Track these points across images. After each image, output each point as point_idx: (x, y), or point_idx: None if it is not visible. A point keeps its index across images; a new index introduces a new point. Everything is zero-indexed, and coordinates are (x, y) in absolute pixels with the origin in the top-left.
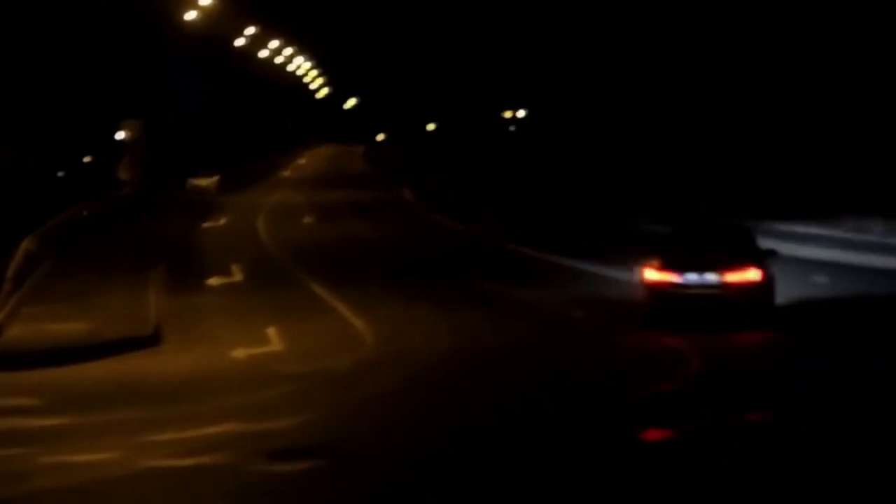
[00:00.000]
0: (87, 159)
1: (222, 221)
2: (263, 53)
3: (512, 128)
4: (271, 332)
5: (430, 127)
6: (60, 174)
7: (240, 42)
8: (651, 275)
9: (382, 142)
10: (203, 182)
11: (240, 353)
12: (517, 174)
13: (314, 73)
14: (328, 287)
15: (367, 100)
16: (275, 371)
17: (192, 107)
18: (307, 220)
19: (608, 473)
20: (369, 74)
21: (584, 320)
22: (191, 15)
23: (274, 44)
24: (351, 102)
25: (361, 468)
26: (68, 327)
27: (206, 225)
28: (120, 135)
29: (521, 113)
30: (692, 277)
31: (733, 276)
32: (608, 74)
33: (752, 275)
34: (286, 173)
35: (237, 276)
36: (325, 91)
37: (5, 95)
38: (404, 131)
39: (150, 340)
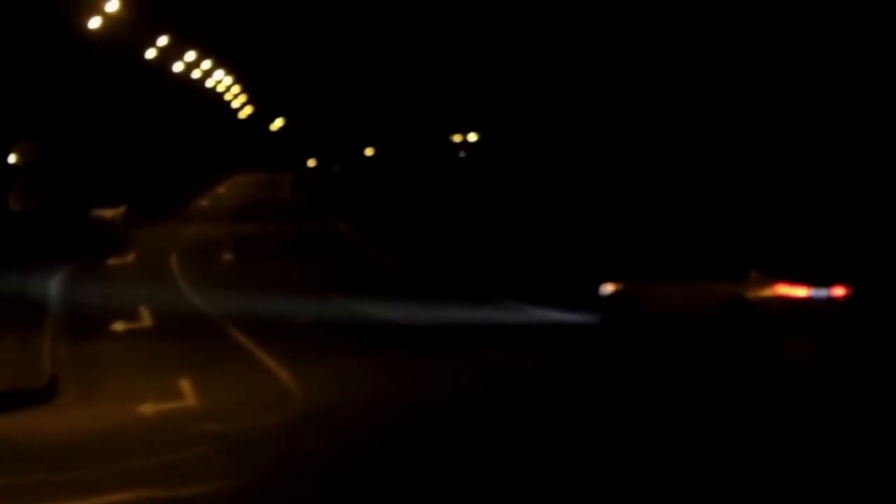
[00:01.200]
0: None
1: (130, 258)
2: (178, 67)
3: (462, 153)
4: (184, 384)
5: (369, 152)
6: None
7: (151, 54)
8: (784, 289)
9: (314, 168)
10: (108, 213)
11: (148, 408)
12: (465, 206)
13: (236, 89)
14: (251, 334)
15: (295, 120)
16: (188, 430)
17: (97, 126)
18: (227, 257)
19: None
20: (298, 92)
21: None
22: (95, 22)
23: (190, 56)
24: (277, 123)
25: None
26: None
27: (111, 262)
28: (11, 158)
29: (472, 136)
30: (814, 292)
31: (837, 291)
32: (568, 92)
33: (843, 290)
34: (203, 203)
35: (146, 320)
36: (248, 110)
37: None
38: (339, 157)
39: (44, 394)
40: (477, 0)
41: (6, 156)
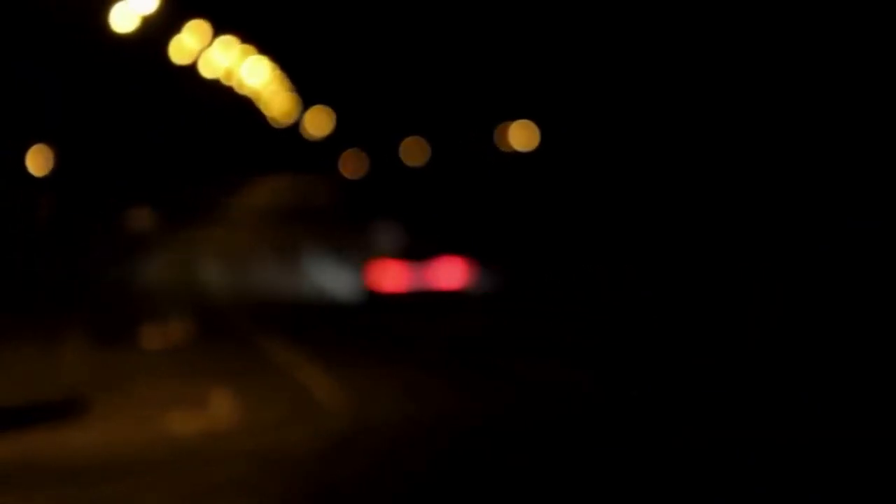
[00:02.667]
0: None
1: (158, 264)
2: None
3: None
4: (217, 396)
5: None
6: None
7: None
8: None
9: (354, 172)
10: (135, 218)
11: (178, 423)
12: (508, 213)
13: (273, 85)
14: (286, 344)
15: (338, 118)
16: (220, 446)
17: (122, 126)
18: (262, 264)
19: None
20: (340, 87)
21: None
22: (117, 14)
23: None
24: (316, 124)
25: None
26: None
27: (138, 268)
28: (33, 168)
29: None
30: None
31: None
32: (633, 85)
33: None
34: (237, 208)
35: (176, 329)
36: (284, 108)
37: None
38: (382, 158)
39: (67, 408)
40: None
41: (24, 164)
